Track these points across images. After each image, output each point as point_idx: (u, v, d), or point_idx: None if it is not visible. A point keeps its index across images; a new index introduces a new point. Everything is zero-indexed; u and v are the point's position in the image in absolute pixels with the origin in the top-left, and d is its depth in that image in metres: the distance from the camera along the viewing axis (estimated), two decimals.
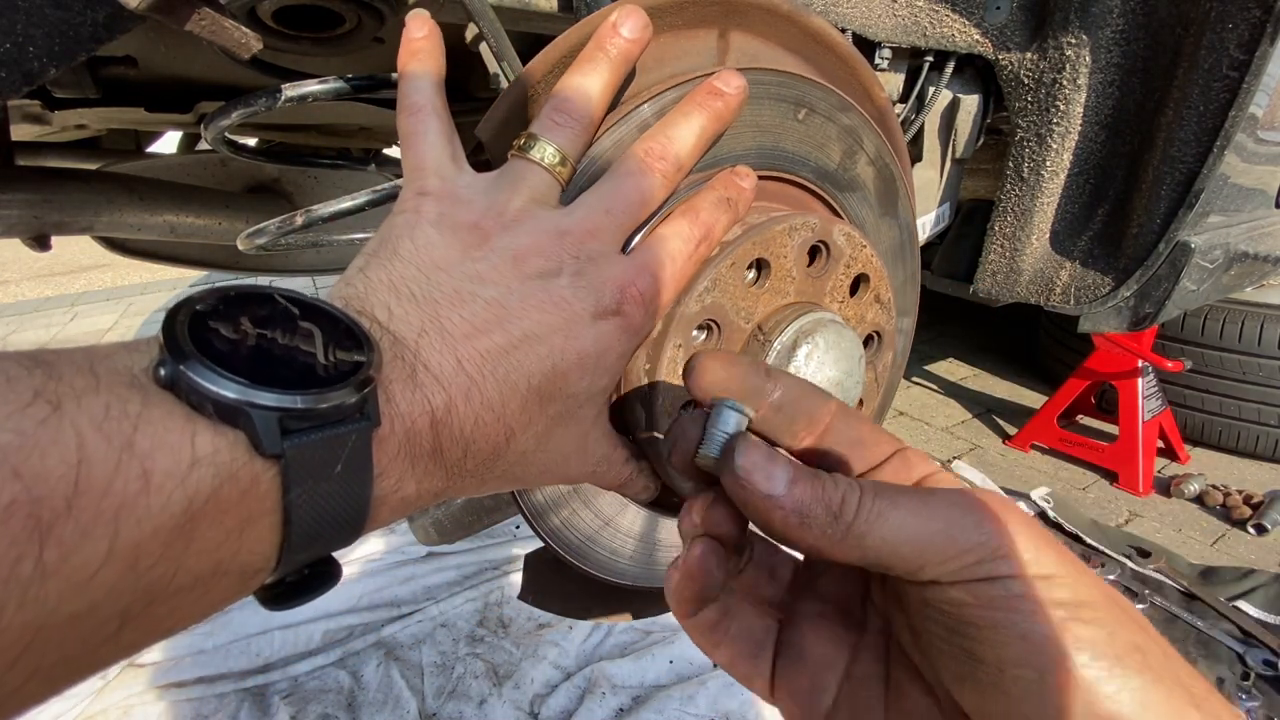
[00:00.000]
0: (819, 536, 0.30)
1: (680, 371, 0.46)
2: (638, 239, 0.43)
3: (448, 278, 0.35)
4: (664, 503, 0.54)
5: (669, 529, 0.57)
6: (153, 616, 0.25)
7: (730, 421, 0.34)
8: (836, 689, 0.35)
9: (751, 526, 0.36)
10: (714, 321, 0.46)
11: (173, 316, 0.26)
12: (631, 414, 0.48)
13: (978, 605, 0.28)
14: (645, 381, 0.46)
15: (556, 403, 0.38)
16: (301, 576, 0.31)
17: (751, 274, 0.48)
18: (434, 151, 0.41)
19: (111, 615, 0.23)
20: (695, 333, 0.46)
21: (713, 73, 0.46)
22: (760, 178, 0.52)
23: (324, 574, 0.32)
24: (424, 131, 0.42)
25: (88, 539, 0.22)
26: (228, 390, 0.25)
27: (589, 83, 0.41)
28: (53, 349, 0.24)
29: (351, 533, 0.30)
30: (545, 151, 0.40)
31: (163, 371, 0.25)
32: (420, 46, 0.44)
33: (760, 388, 0.35)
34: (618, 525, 0.55)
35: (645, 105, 0.45)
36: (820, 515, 0.30)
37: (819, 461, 0.35)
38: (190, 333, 0.26)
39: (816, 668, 0.36)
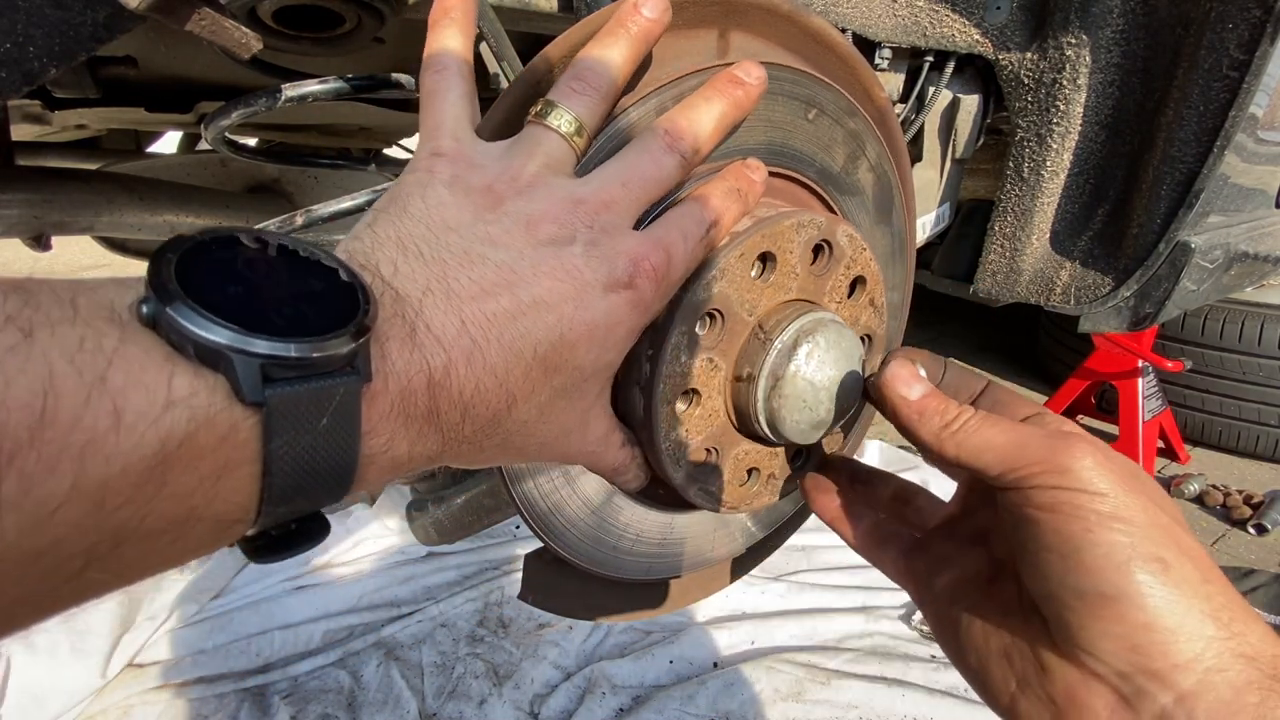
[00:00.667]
0: (931, 434, 0.41)
1: (682, 359, 0.46)
2: (650, 219, 0.42)
3: (458, 238, 0.35)
4: (651, 495, 0.54)
5: (653, 521, 0.57)
6: (121, 558, 0.24)
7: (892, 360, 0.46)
8: (948, 576, 0.45)
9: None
10: (719, 311, 0.46)
11: (161, 253, 0.26)
12: (629, 400, 0.48)
13: (1032, 507, 0.36)
14: (647, 368, 0.46)
15: (562, 374, 0.37)
16: (287, 531, 0.30)
17: (757, 267, 0.48)
18: (454, 111, 0.40)
19: (76, 553, 0.23)
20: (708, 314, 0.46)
21: (711, 68, 0.47)
22: (768, 173, 0.52)
23: (310, 530, 0.31)
24: (446, 90, 0.41)
25: (51, 473, 0.21)
26: (211, 334, 0.24)
27: (610, 54, 0.41)
28: (37, 277, 0.24)
29: (337, 489, 0.29)
30: (563, 119, 0.39)
31: (145, 309, 0.24)
32: (454, 4, 0.44)
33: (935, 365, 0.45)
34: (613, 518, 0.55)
35: (632, 109, 0.45)
36: (934, 419, 0.41)
37: None
38: (178, 271, 0.25)
39: (934, 559, 0.47)
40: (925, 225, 1.10)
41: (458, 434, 0.34)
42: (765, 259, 0.48)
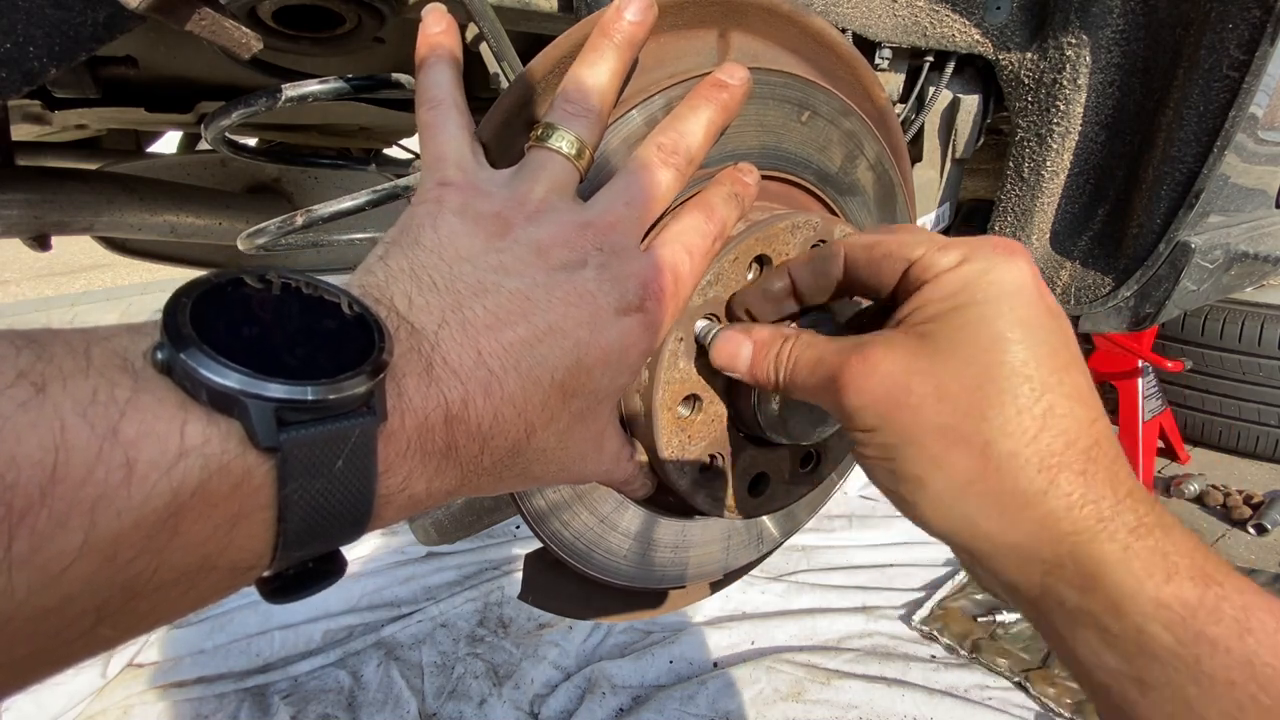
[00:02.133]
0: (774, 383, 0.42)
1: (680, 365, 0.46)
2: (652, 233, 0.43)
3: (471, 268, 0.35)
4: (659, 501, 0.54)
5: (665, 528, 0.57)
6: (133, 612, 0.24)
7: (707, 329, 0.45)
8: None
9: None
10: (715, 315, 0.46)
11: (176, 299, 0.25)
12: (630, 407, 0.48)
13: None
14: (645, 375, 0.46)
15: (579, 399, 0.37)
16: (304, 570, 0.29)
17: (754, 270, 0.48)
18: (454, 143, 0.41)
19: (87, 609, 0.22)
20: (703, 322, 0.46)
21: (709, 72, 0.46)
22: (763, 177, 0.52)
23: (327, 570, 0.30)
24: (444, 123, 0.42)
25: (62, 530, 0.21)
26: (225, 379, 0.24)
27: (599, 70, 0.41)
28: (51, 328, 0.24)
29: (352, 532, 0.29)
30: (564, 140, 0.40)
31: (159, 355, 0.24)
32: (439, 41, 0.44)
33: (777, 289, 0.45)
34: (615, 524, 0.55)
35: (634, 110, 0.45)
36: (769, 367, 0.42)
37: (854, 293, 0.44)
38: (192, 316, 0.25)
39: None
40: (925, 225, 1.10)
41: (476, 466, 0.33)
42: (761, 261, 0.48)
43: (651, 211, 0.41)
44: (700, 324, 0.46)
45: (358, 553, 2.11)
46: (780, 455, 0.54)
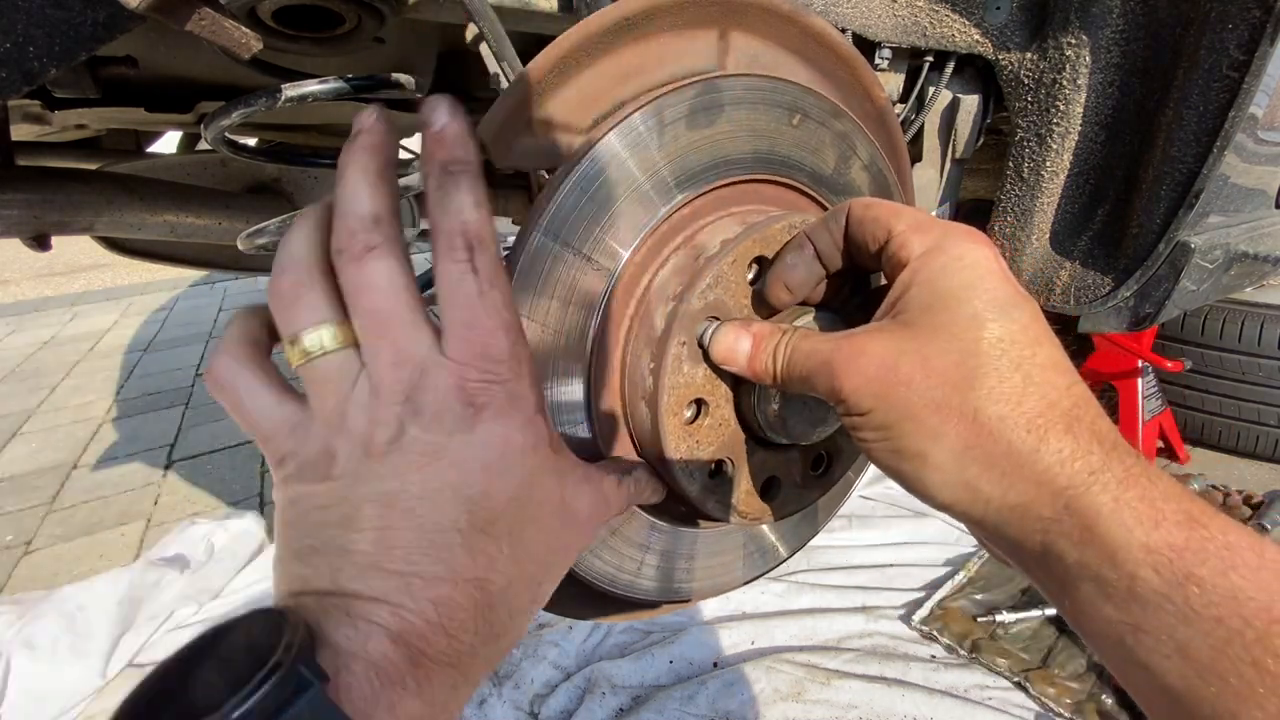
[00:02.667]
0: (772, 378, 0.44)
1: (684, 369, 0.46)
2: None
3: (326, 512, 0.34)
4: (669, 510, 0.54)
5: (674, 538, 0.57)
6: None
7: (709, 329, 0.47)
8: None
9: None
10: (715, 318, 0.46)
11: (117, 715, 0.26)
12: (637, 416, 0.48)
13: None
14: (650, 381, 0.46)
15: (501, 520, 0.35)
16: None
17: (752, 271, 0.48)
18: (261, 414, 0.37)
19: None
20: (706, 322, 0.46)
21: (714, 71, 0.47)
22: (757, 181, 0.52)
23: None
24: (245, 389, 0.37)
25: None
26: None
27: (297, 241, 0.37)
28: None
29: None
30: (315, 342, 0.35)
31: None
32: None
33: (806, 255, 0.46)
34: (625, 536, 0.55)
35: (635, 115, 0.45)
36: (765, 360, 0.44)
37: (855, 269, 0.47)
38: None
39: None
40: None
41: (460, 650, 0.33)
42: (760, 262, 0.48)
43: (402, 307, 0.35)
44: (702, 326, 0.46)
45: None
46: (790, 458, 0.54)
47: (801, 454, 0.54)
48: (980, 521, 0.37)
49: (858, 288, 0.49)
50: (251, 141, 1.22)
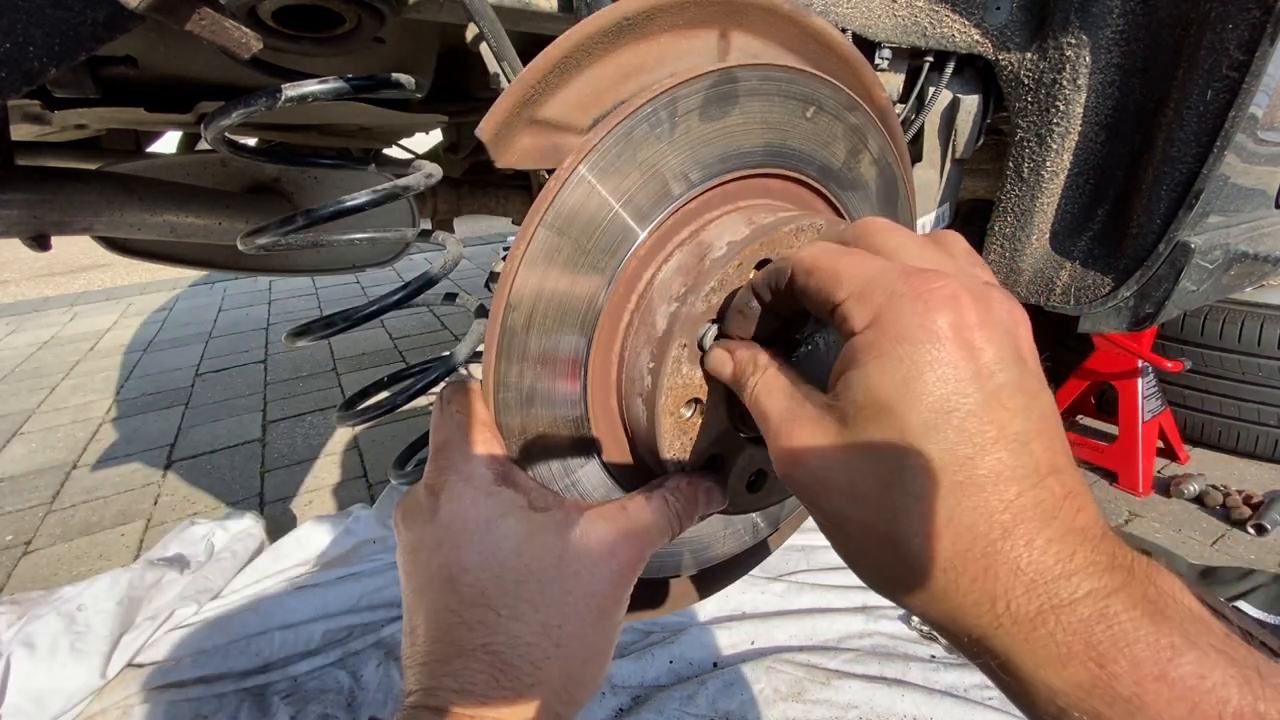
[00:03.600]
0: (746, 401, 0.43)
1: (683, 370, 0.46)
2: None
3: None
4: None
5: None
6: None
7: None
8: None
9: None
10: (717, 320, 0.46)
11: None
12: (633, 412, 0.48)
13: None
14: (649, 380, 0.46)
15: (491, 588, 0.40)
16: None
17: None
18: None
19: None
20: (708, 324, 0.46)
21: (718, 69, 0.46)
22: (767, 175, 0.52)
23: None
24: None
25: None
26: None
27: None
28: None
29: None
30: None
31: None
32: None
33: (750, 307, 0.45)
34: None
35: (645, 107, 0.45)
36: (745, 387, 0.42)
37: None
38: None
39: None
40: (925, 225, 1.10)
41: (498, 707, 0.38)
42: (764, 265, 0.48)
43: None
44: (703, 329, 0.46)
45: (356, 553, 2.11)
46: None
47: None
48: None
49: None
50: (251, 141, 1.22)
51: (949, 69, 0.96)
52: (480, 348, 0.60)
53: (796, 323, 0.46)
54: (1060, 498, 0.32)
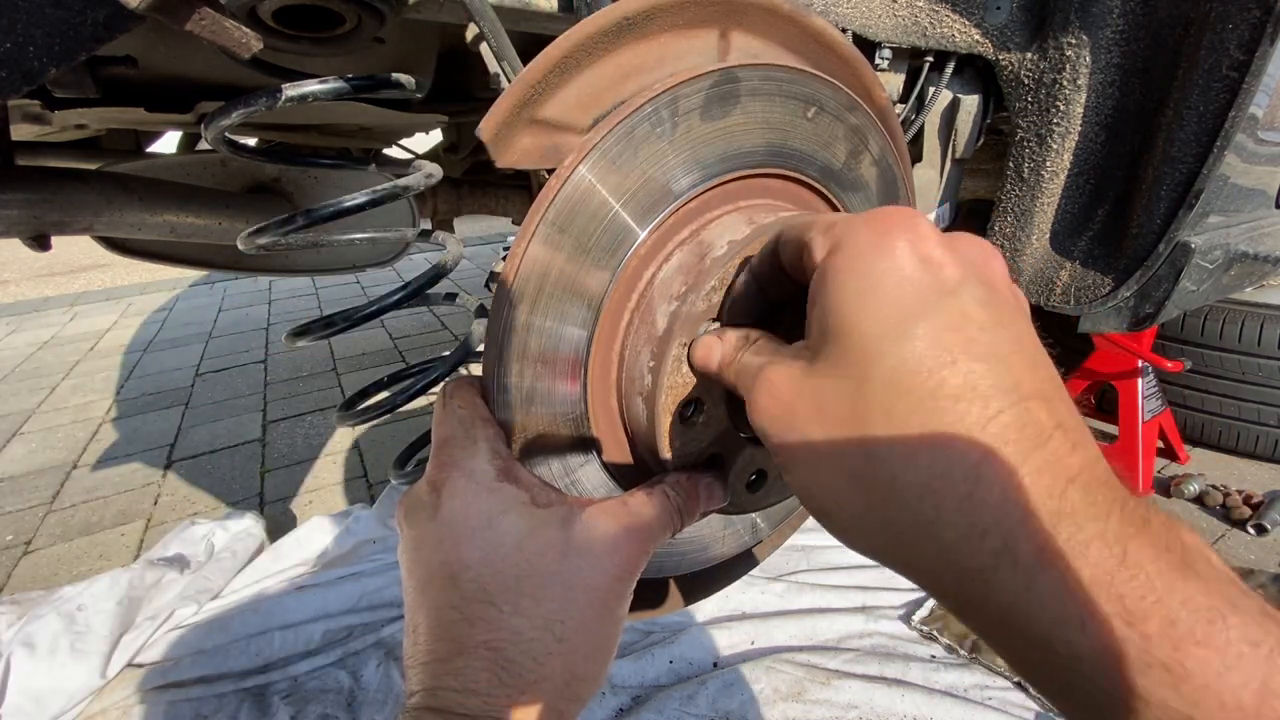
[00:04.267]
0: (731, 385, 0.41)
1: (683, 369, 0.46)
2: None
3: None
4: None
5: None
6: None
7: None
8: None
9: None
10: (717, 320, 0.46)
11: None
12: (633, 411, 0.48)
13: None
14: (649, 379, 0.46)
15: (493, 584, 0.40)
16: None
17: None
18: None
19: None
20: (708, 323, 0.46)
21: (719, 68, 0.46)
22: (767, 175, 0.52)
23: None
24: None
25: None
26: None
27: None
28: None
29: None
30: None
31: None
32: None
33: (741, 284, 0.44)
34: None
35: (647, 106, 0.45)
36: (730, 374, 0.41)
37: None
38: None
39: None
40: None
41: (498, 703, 0.38)
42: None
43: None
44: (703, 328, 0.46)
45: (356, 554, 2.11)
46: None
47: None
48: (895, 569, 0.32)
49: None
50: (251, 141, 1.22)
51: (949, 69, 0.96)
52: (480, 347, 0.61)
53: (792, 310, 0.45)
54: (1050, 427, 0.28)
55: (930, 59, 0.95)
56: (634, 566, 0.43)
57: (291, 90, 0.57)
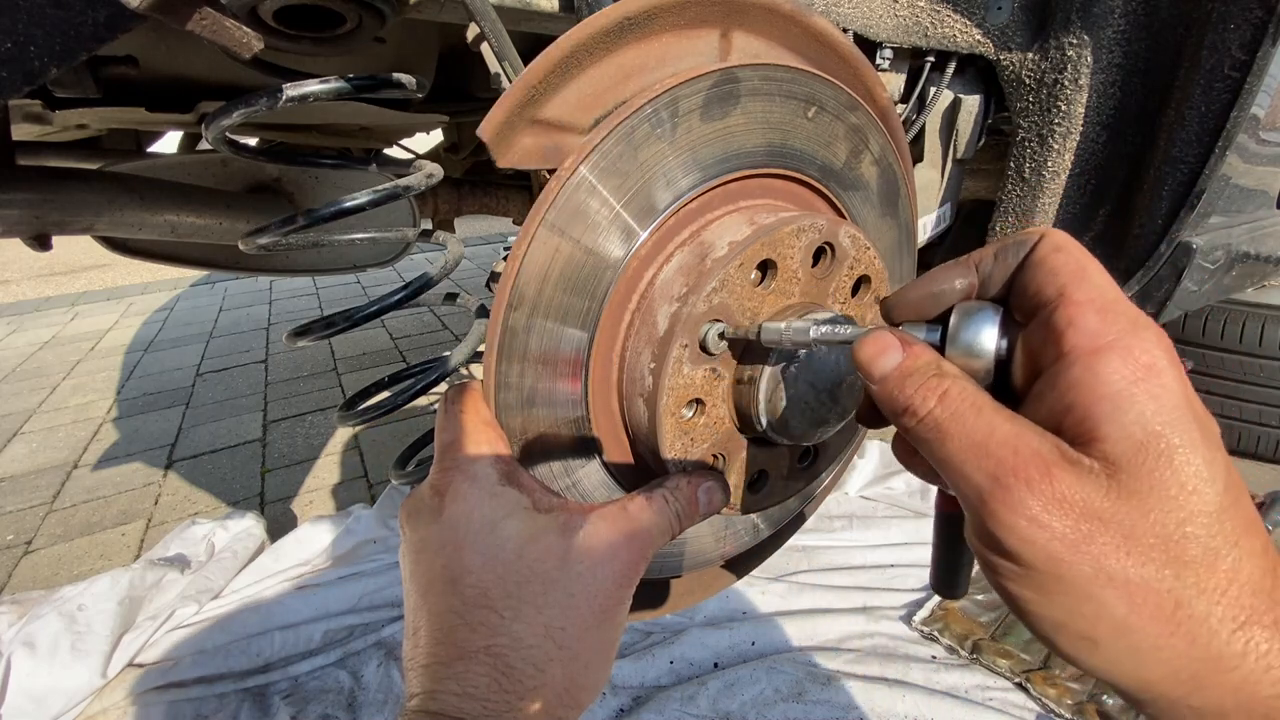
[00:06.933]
0: (900, 423, 0.35)
1: (684, 370, 0.46)
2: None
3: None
4: None
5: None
6: None
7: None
8: None
9: None
10: (719, 319, 0.46)
11: None
12: (634, 412, 0.48)
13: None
14: (650, 381, 0.46)
15: (494, 590, 0.40)
16: None
17: (757, 275, 0.48)
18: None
19: None
20: (709, 324, 0.46)
21: (719, 68, 0.46)
22: (768, 175, 0.52)
23: None
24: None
25: None
26: None
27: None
28: None
29: None
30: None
31: None
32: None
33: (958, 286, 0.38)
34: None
35: (647, 106, 0.45)
36: (902, 397, 0.34)
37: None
38: None
39: None
40: (926, 225, 1.10)
41: (497, 707, 0.38)
42: (765, 266, 0.48)
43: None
44: (704, 329, 0.46)
45: (357, 554, 2.12)
46: (779, 453, 0.54)
47: (790, 449, 0.55)
48: (1140, 705, 0.31)
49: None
50: (252, 141, 1.22)
51: (950, 69, 0.96)
52: (481, 348, 0.60)
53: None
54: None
55: (931, 59, 0.95)
56: (634, 573, 0.44)
57: (292, 90, 0.57)
